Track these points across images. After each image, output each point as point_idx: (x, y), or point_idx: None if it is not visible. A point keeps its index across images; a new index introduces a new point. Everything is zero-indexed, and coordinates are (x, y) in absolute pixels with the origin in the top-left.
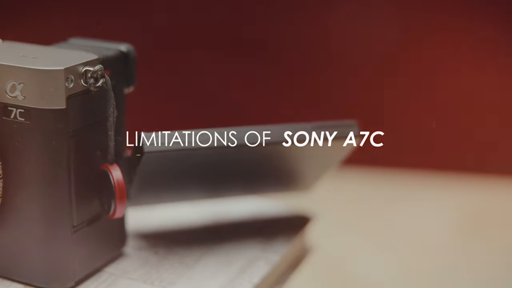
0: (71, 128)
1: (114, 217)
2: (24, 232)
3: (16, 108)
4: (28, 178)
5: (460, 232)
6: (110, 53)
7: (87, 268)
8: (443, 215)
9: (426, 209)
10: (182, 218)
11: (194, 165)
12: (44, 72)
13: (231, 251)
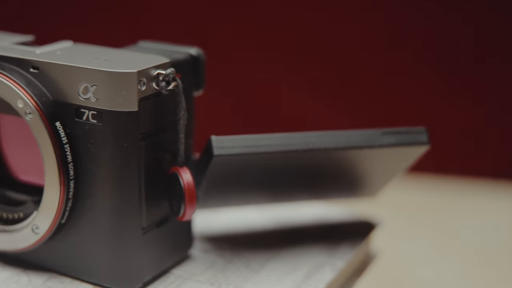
0: (142, 131)
1: (183, 220)
2: (95, 232)
3: (88, 110)
4: (99, 179)
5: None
6: (180, 56)
7: (155, 270)
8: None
9: (494, 218)
10: (247, 221)
11: (261, 169)
12: (117, 75)
13: (296, 256)
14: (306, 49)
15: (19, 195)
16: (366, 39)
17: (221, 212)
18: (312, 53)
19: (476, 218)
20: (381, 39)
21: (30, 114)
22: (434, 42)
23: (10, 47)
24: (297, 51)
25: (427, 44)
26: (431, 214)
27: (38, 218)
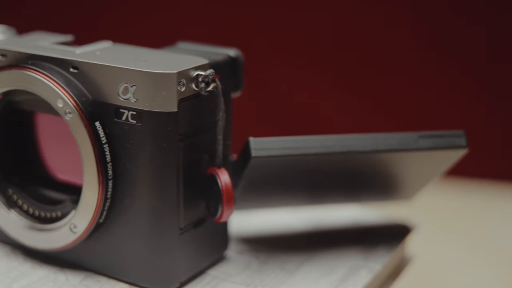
0: (181, 131)
1: (221, 221)
2: (132, 232)
3: (128, 110)
4: (137, 179)
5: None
6: (219, 58)
7: (192, 270)
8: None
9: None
10: (282, 223)
11: (297, 171)
12: (157, 75)
13: (332, 259)
14: (337, 50)
15: (57, 194)
16: (401, 40)
17: (256, 213)
18: (344, 54)
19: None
20: (419, 41)
21: (69, 113)
22: (472, 44)
23: (50, 47)
24: (326, 52)
25: (466, 46)
26: (466, 218)
27: (76, 217)
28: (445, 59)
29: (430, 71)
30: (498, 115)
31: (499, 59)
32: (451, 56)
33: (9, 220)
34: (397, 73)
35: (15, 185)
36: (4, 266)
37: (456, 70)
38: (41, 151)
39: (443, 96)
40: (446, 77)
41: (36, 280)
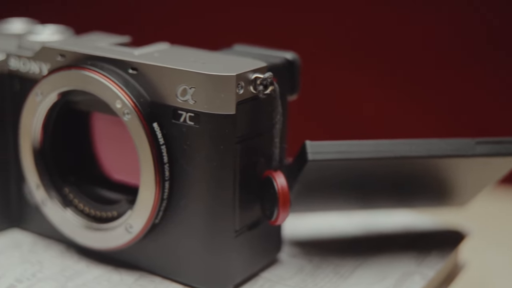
0: (238, 134)
1: (276, 224)
2: (187, 233)
3: (186, 112)
4: (194, 180)
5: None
6: (276, 60)
7: (245, 272)
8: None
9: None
10: (334, 227)
11: (352, 175)
12: (216, 78)
13: (385, 264)
14: (390, 53)
15: (113, 194)
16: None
17: (309, 216)
18: (398, 57)
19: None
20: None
21: (128, 114)
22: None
23: (109, 48)
24: (379, 55)
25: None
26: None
27: (133, 217)
28: (503, 60)
29: (488, 73)
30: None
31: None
32: (509, 57)
33: (64, 219)
34: (453, 78)
35: (71, 185)
36: (59, 265)
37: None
38: (96, 151)
39: (501, 100)
40: (505, 80)
41: (91, 279)
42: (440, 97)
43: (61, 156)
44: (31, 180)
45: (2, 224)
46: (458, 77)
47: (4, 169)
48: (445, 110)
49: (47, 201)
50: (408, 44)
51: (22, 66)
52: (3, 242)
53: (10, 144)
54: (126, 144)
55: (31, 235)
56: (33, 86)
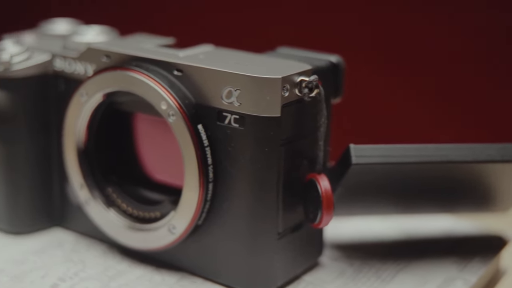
0: (283, 136)
1: (319, 227)
2: (230, 235)
3: (230, 114)
4: (238, 182)
5: None
6: (321, 63)
7: (287, 275)
8: None
9: None
10: (374, 231)
11: (394, 179)
12: (262, 80)
13: (426, 269)
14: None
15: (155, 194)
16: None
17: (349, 220)
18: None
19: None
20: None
21: (173, 116)
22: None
23: (154, 50)
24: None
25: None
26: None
27: (176, 218)
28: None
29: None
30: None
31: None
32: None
33: (107, 219)
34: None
35: (114, 185)
36: (101, 264)
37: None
38: (139, 152)
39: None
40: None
41: (133, 279)
42: (480, 103)
43: (104, 156)
44: (75, 180)
45: (44, 223)
46: (496, 82)
47: (47, 168)
48: (483, 116)
49: (90, 201)
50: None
51: (67, 66)
52: (45, 241)
53: (53, 144)
54: (168, 145)
55: (73, 234)
56: (78, 87)
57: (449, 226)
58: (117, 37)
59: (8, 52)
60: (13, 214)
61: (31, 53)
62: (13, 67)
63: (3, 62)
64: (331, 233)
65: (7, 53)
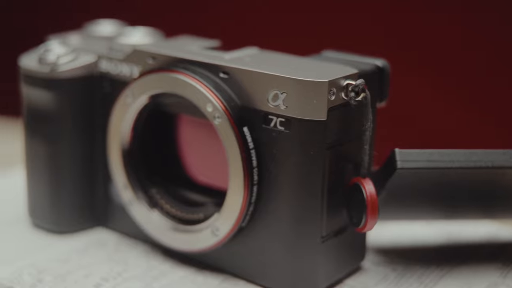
0: (329, 140)
1: (363, 231)
2: (274, 238)
3: (276, 117)
4: (282, 185)
5: None
6: (367, 67)
7: (330, 279)
8: None
9: None
10: (416, 235)
11: (439, 184)
12: (309, 83)
13: (469, 275)
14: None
15: (199, 196)
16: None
17: (391, 224)
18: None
19: None
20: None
21: (218, 118)
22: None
23: (200, 52)
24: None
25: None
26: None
27: (220, 220)
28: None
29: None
30: None
31: None
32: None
33: (150, 220)
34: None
35: (158, 186)
36: (144, 265)
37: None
38: (181, 154)
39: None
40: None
41: (176, 280)
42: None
43: (148, 157)
44: (119, 181)
45: (88, 223)
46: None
47: (91, 168)
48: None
49: (134, 202)
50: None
51: (113, 68)
52: (89, 241)
53: (97, 144)
54: (212, 147)
55: (115, 234)
56: (124, 88)
57: (492, 232)
58: (163, 39)
59: (55, 53)
60: (57, 213)
61: (77, 54)
62: (59, 68)
63: (50, 63)
64: (373, 237)
65: (53, 54)
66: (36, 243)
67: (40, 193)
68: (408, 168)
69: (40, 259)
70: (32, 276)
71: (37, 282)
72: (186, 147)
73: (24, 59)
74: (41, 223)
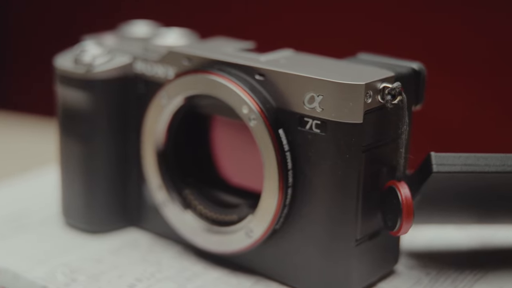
0: (364, 143)
1: (398, 235)
2: (308, 240)
3: (312, 120)
4: (317, 188)
5: None
6: (403, 70)
7: (363, 282)
8: None
9: None
10: (449, 239)
11: (473, 189)
12: (345, 86)
13: (504, 279)
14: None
15: (232, 198)
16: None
17: (424, 228)
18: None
19: None
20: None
21: (254, 120)
22: None
23: (235, 54)
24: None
25: None
26: None
27: (254, 222)
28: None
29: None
30: None
31: None
32: None
33: (184, 221)
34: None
35: (191, 187)
36: (178, 265)
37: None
38: (215, 154)
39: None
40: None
41: (210, 281)
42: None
43: (182, 158)
44: (153, 181)
45: (121, 223)
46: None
47: (124, 168)
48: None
49: (168, 202)
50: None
51: (148, 69)
52: (122, 241)
53: (131, 145)
54: (246, 148)
55: (148, 234)
56: (159, 89)
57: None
58: (197, 40)
59: (91, 54)
60: (91, 213)
61: (113, 55)
62: (95, 69)
63: (86, 64)
64: (406, 241)
65: (89, 55)
66: (69, 242)
67: (74, 193)
68: (444, 172)
69: (74, 258)
70: (66, 275)
71: (70, 281)
72: (220, 149)
73: (60, 59)
74: (74, 222)
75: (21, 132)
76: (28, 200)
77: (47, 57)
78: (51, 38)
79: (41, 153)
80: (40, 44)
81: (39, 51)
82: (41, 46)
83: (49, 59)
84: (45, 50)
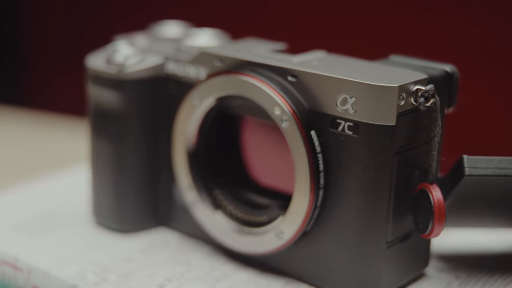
0: (397, 145)
1: (430, 237)
2: (339, 242)
3: (344, 121)
4: (349, 190)
5: None
6: (436, 72)
7: (394, 284)
8: None
9: None
10: (480, 243)
11: (506, 192)
12: (378, 88)
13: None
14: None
15: (263, 199)
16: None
17: (454, 231)
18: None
19: None
20: None
21: (286, 121)
22: None
23: (267, 55)
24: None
25: None
26: None
27: (284, 223)
28: None
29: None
30: None
31: None
32: None
33: (214, 221)
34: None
35: (222, 187)
36: (207, 265)
37: None
38: (246, 155)
39: None
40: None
41: (239, 282)
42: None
43: (212, 159)
44: (183, 181)
45: (151, 222)
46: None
47: (155, 168)
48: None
49: (198, 203)
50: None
51: (180, 69)
52: (152, 240)
53: (162, 145)
54: (278, 150)
55: (178, 234)
56: (190, 90)
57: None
58: (229, 41)
59: (123, 54)
60: (121, 212)
61: (145, 55)
62: (127, 69)
63: (118, 64)
64: (436, 244)
65: (121, 55)
66: (100, 241)
67: (105, 192)
68: (476, 175)
69: (104, 258)
70: (96, 274)
71: (101, 280)
72: (251, 150)
73: (92, 59)
74: (104, 221)
75: (53, 132)
76: (59, 199)
77: (79, 57)
78: (83, 38)
79: (73, 153)
80: (72, 44)
81: (71, 51)
82: (73, 46)
83: (81, 59)
84: (77, 50)
